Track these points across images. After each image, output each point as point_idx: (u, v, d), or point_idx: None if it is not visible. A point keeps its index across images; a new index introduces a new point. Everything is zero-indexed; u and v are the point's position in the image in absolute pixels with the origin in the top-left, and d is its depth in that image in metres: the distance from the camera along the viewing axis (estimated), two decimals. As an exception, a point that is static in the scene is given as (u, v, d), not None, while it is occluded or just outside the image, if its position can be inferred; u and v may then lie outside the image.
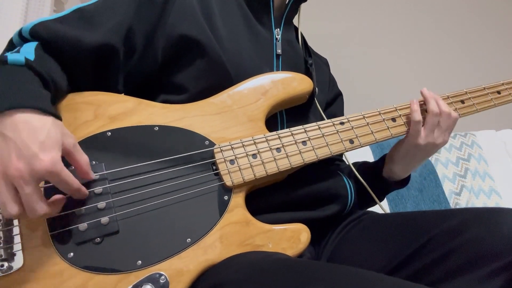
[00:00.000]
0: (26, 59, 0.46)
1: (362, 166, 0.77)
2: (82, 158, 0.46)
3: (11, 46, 0.54)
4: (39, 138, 0.40)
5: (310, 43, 0.82)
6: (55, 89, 0.49)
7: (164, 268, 0.47)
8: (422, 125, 0.64)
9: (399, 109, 0.67)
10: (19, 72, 0.45)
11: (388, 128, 0.65)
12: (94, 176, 0.47)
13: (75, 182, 0.43)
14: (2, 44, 0.56)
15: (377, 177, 0.73)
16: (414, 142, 0.65)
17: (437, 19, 1.57)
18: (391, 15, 1.53)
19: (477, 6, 1.61)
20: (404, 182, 0.74)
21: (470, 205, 1.19)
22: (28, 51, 0.49)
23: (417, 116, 0.64)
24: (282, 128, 0.65)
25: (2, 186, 0.39)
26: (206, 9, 0.63)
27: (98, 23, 0.55)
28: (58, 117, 0.45)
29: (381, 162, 0.74)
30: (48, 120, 0.43)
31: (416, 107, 0.65)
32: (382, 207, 0.74)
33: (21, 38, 0.53)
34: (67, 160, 0.45)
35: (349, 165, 0.75)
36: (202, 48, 0.60)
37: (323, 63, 0.86)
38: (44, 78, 0.47)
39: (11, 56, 0.46)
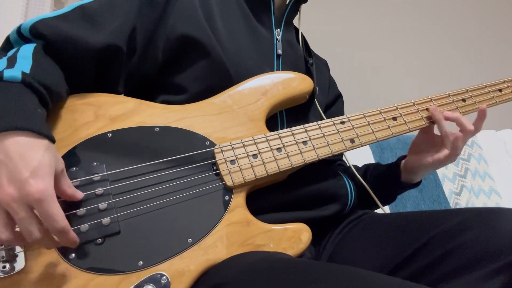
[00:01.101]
0: (23, 75, 0.44)
1: (375, 170, 0.77)
2: (67, 182, 0.44)
3: (8, 44, 0.53)
4: (33, 163, 0.38)
5: (310, 43, 0.83)
6: (54, 98, 0.48)
7: (165, 269, 0.47)
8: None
9: (400, 108, 0.67)
10: (15, 90, 0.43)
11: (389, 127, 0.65)
12: (81, 194, 0.46)
13: (61, 220, 0.39)
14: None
15: (396, 183, 0.73)
16: (451, 160, 0.67)
17: (437, 18, 1.57)
18: (391, 15, 1.53)
19: (477, 4, 1.61)
20: (418, 182, 0.75)
21: (470, 205, 1.19)
22: (25, 57, 0.47)
23: (456, 133, 0.65)
24: (282, 128, 0.65)
25: None
26: (207, 10, 0.63)
27: (102, 23, 0.54)
28: (52, 139, 0.43)
29: (396, 168, 0.73)
30: (43, 143, 0.41)
31: (446, 125, 0.65)
32: (382, 209, 0.74)
33: (20, 36, 0.51)
34: None
35: (349, 166, 0.76)
36: (202, 48, 0.60)
37: (323, 65, 0.86)
38: (41, 94, 0.45)
39: (7, 73, 0.43)
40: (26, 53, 0.48)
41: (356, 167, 0.79)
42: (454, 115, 0.66)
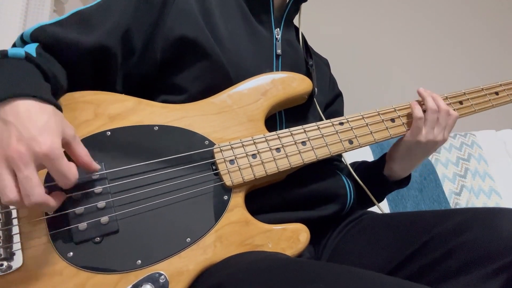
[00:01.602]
0: (26, 53, 0.47)
1: (361, 165, 0.77)
2: (83, 149, 0.45)
3: None
4: (40, 123, 0.41)
5: (310, 43, 0.82)
6: (55, 84, 0.50)
7: (164, 268, 0.47)
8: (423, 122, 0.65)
9: (398, 110, 0.67)
10: (20, 65, 0.46)
11: (387, 128, 0.65)
12: (98, 166, 0.47)
13: (72, 174, 0.42)
14: (2, 44, 0.56)
15: (378, 176, 0.73)
16: (415, 139, 0.66)
17: (436, 20, 1.57)
18: (391, 15, 1.53)
19: (475, 6, 1.61)
20: (405, 181, 0.74)
21: (470, 205, 1.19)
22: (29, 49, 0.50)
23: (419, 112, 0.65)
24: (281, 128, 0.65)
25: (2, 168, 0.39)
26: (205, 10, 0.63)
27: (95, 25, 0.56)
28: (59, 107, 0.45)
29: (381, 161, 0.74)
30: (49, 108, 0.43)
31: (417, 105, 0.66)
32: (380, 208, 0.74)
33: (23, 42, 0.54)
34: (66, 152, 0.44)
35: (346, 166, 0.76)
36: (201, 49, 0.60)
37: (324, 64, 0.86)
38: (44, 72, 0.48)
39: (12, 50, 0.47)
40: (30, 48, 0.50)
41: (352, 163, 0.79)
42: (423, 91, 0.67)
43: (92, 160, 0.46)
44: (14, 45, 0.55)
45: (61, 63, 0.53)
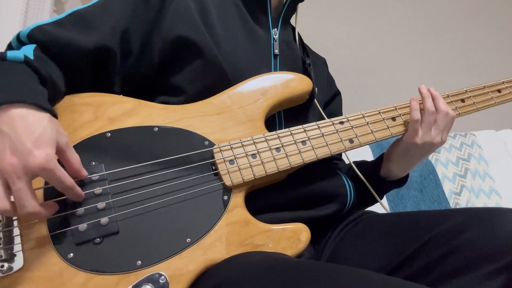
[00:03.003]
0: (25, 56, 0.47)
1: (359, 165, 0.77)
2: (74, 156, 0.46)
3: (10, 49, 0.54)
4: (35, 134, 0.40)
5: (308, 43, 0.82)
6: (53, 87, 0.50)
7: (164, 268, 0.47)
8: (420, 124, 0.64)
9: (399, 108, 0.67)
10: (18, 68, 0.46)
11: (388, 127, 0.65)
12: (86, 173, 0.47)
13: (68, 179, 0.43)
14: (2, 44, 0.56)
15: (375, 176, 0.73)
16: (411, 141, 0.64)
17: (436, 18, 1.57)
18: (389, 13, 1.53)
19: (477, 4, 1.61)
20: (402, 181, 0.74)
21: (470, 205, 1.19)
22: (27, 51, 0.49)
23: (416, 114, 0.64)
24: (280, 128, 0.65)
25: None
26: (203, 10, 0.63)
27: (94, 26, 0.55)
28: (54, 114, 0.45)
29: (379, 161, 0.74)
30: (45, 116, 0.43)
31: (415, 106, 0.64)
32: (382, 205, 0.74)
33: (19, 42, 0.53)
34: (59, 158, 0.44)
35: (347, 164, 0.76)
36: (198, 49, 0.60)
37: (321, 63, 0.86)
38: (42, 75, 0.47)
39: (10, 53, 0.46)
40: (28, 50, 0.50)
41: (348, 165, 0.79)
42: (424, 91, 0.65)
43: (82, 167, 0.47)
44: (9, 45, 0.54)
45: (59, 65, 0.53)
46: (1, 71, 0.45)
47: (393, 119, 0.66)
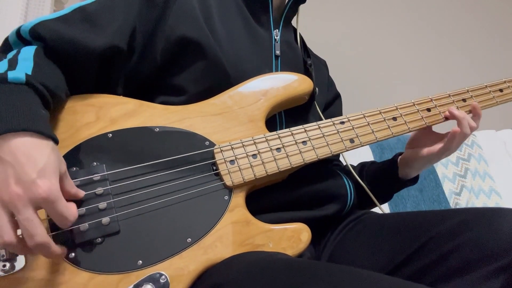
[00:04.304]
0: (27, 77, 0.44)
1: (372, 166, 0.77)
2: (70, 183, 0.44)
3: (7, 46, 0.52)
4: (39, 165, 0.39)
5: (309, 44, 0.83)
6: (55, 102, 0.48)
7: (165, 268, 0.47)
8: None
9: (400, 108, 0.67)
10: (19, 91, 0.43)
11: (389, 127, 0.65)
12: (83, 193, 0.46)
13: (72, 215, 0.41)
14: (2, 44, 0.55)
15: (393, 178, 0.73)
16: (441, 157, 0.67)
17: (437, 18, 1.57)
18: (390, 14, 1.53)
19: (478, 4, 1.61)
20: (416, 178, 0.75)
21: (470, 205, 1.19)
22: (26, 59, 0.47)
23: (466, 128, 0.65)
24: (281, 128, 0.65)
25: None
26: (206, 11, 0.63)
27: (103, 25, 0.54)
28: (56, 141, 0.43)
29: (393, 163, 0.73)
30: (48, 145, 0.41)
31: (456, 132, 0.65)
32: (380, 208, 0.74)
33: (19, 37, 0.51)
34: None
35: (346, 165, 0.76)
36: (201, 50, 0.60)
37: (322, 65, 0.86)
38: (44, 96, 0.45)
39: (12, 74, 0.44)
40: (27, 55, 0.48)
41: (351, 166, 0.79)
42: (460, 114, 0.66)
43: (77, 189, 0.46)
44: (6, 41, 0.52)
45: (62, 64, 0.51)
46: (3, 95, 0.42)
47: (394, 119, 0.66)
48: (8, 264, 0.43)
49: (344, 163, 0.77)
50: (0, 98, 0.42)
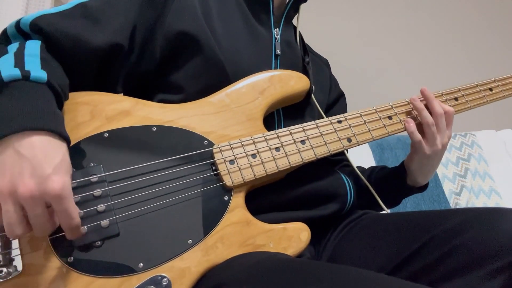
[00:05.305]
0: (48, 76, 0.45)
1: (382, 171, 0.76)
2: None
3: (5, 38, 0.52)
4: (55, 161, 0.40)
5: (310, 43, 0.83)
6: (63, 101, 0.49)
7: (166, 270, 0.47)
8: (423, 138, 0.65)
9: (395, 107, 0.67)
10: (41, 91, 0.44)
11: (384, 126, 0.65)
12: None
13: (77, 218, 0.42)
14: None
15: (403, 185, 0.73)
16: (422, 155, 0.66)
17: (433, 19, 1.58)
18: (388, 15, 1.53)
19: (471, 5, 1.61)
20: (425, 186, 0.74)
21: (470, 205, 1.19)
22: (33, 55, 0.47)
23: (416, 137, 0.65)
24: (279, 127, 0.65)
25: (9, 205, 0.38)
26: (205, 8, 0.63)
27: (105, 22, 0.54)
28: (69, 142, 0.45)
29: (402, 169, 0.73)
30: (64, 145, 0.43)
31: (412, 128, 0.65)
32: (386, 210, 0.74)
33: (18, 30, 0.50)
34: None
35: (353, 168, 0.75)
36: (199, 46, 0.60)
37: (324, 64, 0.86)
38: (59, 96, 0.47)
39: (35, 73, 0.44)
40: (33, 51, 0.48)
41: (361, 169, 0.78)
42: (426, 93, 0.66)
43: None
44: (4, 33, 0.51)
45: (62, 60, 0.51)
46: (25, 92, 0.43)
47: (389, 117, 0.66)
48: (4, 270, 0.42)
49: (352, 166, 0.77)
50: (23, 96, 0.43)
